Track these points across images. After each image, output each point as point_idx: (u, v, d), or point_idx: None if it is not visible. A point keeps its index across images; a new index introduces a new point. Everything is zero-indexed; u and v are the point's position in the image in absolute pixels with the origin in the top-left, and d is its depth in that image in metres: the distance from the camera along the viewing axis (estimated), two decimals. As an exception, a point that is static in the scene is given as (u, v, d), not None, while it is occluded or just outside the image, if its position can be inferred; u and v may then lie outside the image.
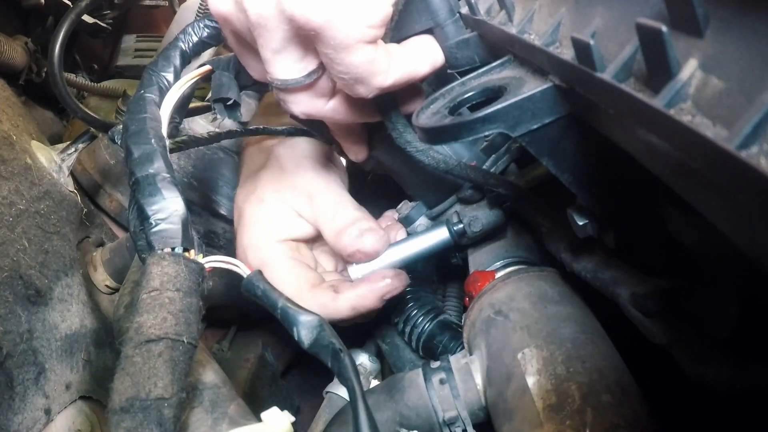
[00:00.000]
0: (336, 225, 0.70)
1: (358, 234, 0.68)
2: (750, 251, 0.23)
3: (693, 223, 0.36)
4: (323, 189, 0.74)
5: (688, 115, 0.23)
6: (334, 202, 0.73)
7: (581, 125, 0.37)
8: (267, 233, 0.73)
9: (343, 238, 0.69)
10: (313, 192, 0.73)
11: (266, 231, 0.73)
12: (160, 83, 0.58)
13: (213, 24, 0.63)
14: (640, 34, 0.26)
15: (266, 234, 0.73)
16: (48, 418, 0.55)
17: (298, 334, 0.50)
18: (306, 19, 0.43)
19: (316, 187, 0.74)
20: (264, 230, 0.74)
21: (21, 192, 0.60)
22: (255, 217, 0.74)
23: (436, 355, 0.73)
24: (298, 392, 1.02)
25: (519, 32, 0.40)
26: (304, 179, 0.74)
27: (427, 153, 0.57)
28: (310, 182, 0.74)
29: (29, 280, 0.57)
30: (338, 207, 0.72)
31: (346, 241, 0.68)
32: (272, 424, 0.46)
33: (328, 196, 0.73)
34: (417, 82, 0.53)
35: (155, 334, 0.42)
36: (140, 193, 0.48)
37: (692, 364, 0.43)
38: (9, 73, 1.00)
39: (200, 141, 0.71)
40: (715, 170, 0.22)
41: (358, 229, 0.69)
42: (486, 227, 0.68)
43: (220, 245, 0.99)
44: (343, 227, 0.69)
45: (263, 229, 0.74)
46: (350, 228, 0.69)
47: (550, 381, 0.51)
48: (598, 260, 0.54)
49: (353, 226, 0.69)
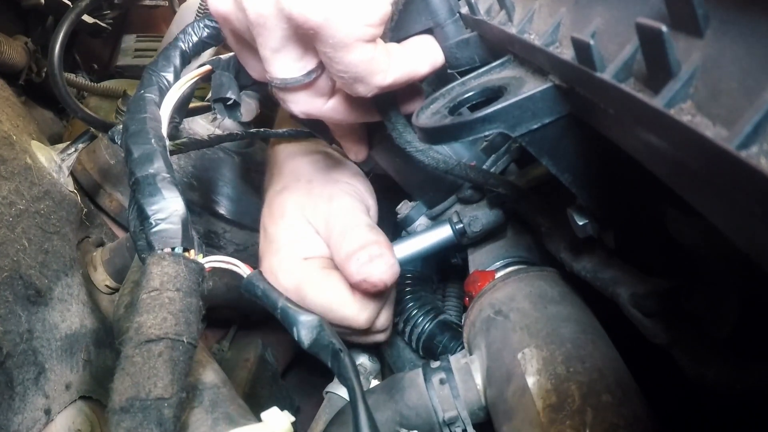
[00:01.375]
0: (346, 247, 0.65)
1: (367, 260, 0.62)
2: (750, 251, 0.23)
3: (693, 224, 0.36)
4: (338, 208, 0.69)
5: (688, 115, 0.23)
6: (347, 223, 0.68)
7: (581, 125, 0.37)
8: (292, 254, 0.69)
9: (352, 263, 0.63)
10: (329, 210, 0.70)
11: (291, 252, 0.69)
12: (160, 83, 0.58)
13: (213, 24, 0.63)
14: (640, 34, 0.26)
15: (292, 255, 0.69)
16: (48, 418, 0.55)
17: (298, 334, 0.50)
18: (304, 17, 0.43)
19: (332, 204, 0.70)
20: (289, 252, 0.69)
21: (21, 192, 0.60)
22: (277, 236, 0.71)
23: (436, 355, 0.73)
24: (298, 392, 1.02)
25: (519, 32, 0.40)
26: (325, 198, 0.71)
27: (426, 153, 0.57)
28: (329, 201, 0.70)
29: (29, 280, 0.57)
30: (351, 227, 0.67)
31: (354, 268, 0.63)
32: (272, 424, 0.46)
33: (341, 217, 0.68)
34: (417, 81, 0.53)
35: (155, 334, 0.42)
36: (140, 193, 0.48)
37: (692, 364, 0.43)
38: (9, 73, 1.00)
39: (200, 143, 0.71)
40: (715, 170, 0.22)
41: (368, 255, 0.63)
42: (486, 227, 0.68)
43: (220, 245, 0.99)
44: (353, 250, 0.64)
45: (288, 250, 0.69)
46: (360, 252, 0.63)
47: (550, 381, 0.51)
48: (597, 260, 0.54)
49: (363, 251, 0.63)
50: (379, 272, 0.62)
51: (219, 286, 0.87)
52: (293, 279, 0.67)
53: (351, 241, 0.65)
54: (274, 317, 0.52)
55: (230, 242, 1.01)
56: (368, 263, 0.62)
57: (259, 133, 0.77)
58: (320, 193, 0.72)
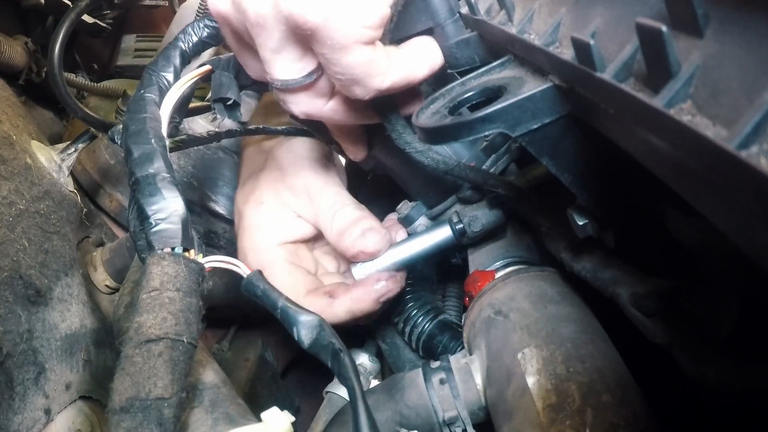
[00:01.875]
0: (337, 225, 0.70)
1: (360, 234, 0.68)
2: (750, 251, 0.23)
3: (693, 224, 0.36)
4: (322, 188, 0.74)
5: (688, 115, 0.23)
6: (334, 201, 0.72)
7: (581, 125, 0.37)
8: (266, 236, 0.73)
9: (345, 238, 0.69)
10: (312, 192, 0.73)
11: (266, 234, 0.73)
12: (160, 83, 0.58)
13: (213, 24, 0.63)
14: (640, 34, 0.26)
15: (266, 237, 0.73)
16: (48, 418, 0.55)
17: (298, 334, 0.50)
18: (303, 18, 0.43)
19: (315, 186, 0.73)
20: (263, 233, 0.74)
21: (21, 192, 0.60)
22: (255, 219, 0.74)
23: (436, 355, 0.73)
24: (298, 392, 1.02)
25: (519, 32, 0.40)
26: (303, 179, 0.74)
27: (426, 154, 0.57)
28: (309, 182, 0.74)
29: (29, 280, 0.57)
30: (339, 207, 0.72)
31: (349, 242, 0.68)
32: (272, 424, 0.46)
33: (327, 196, 0.73)
34: (415, 84, 0.53)
35: (155, 334, 0.42)
36: (140, 192, 0.48)
37: (692, 364, 0.43)
38: (9, 73, 1.00)
39: (200, 140, 0.71)
40: (715, 170, 0.22)
41: (360, 228, 0.69)
42: (486, 227, 0.68)
43: (220, 245, 0.99)
44: (345, 227, 0.69)
45: (263, 232, 0.74)
46: (352, 228, 0.69)
47: (550, 381, 0.51)
48: (597, 260, 0.54)
49: (355, 226, 0.69)
50: (374, 243, 0.68)
51: (219, 286, 0.87)
52: (259, 260, 0.72)
53: (341, 220, 0.70)
54: (273, 317, 0.52)
55: (230, 242, 1.01)
56: (361, 237, 0.68)
57: (258, 130, 0.77)
58: (299, 174, 0.74)
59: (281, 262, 0.72)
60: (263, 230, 0.74)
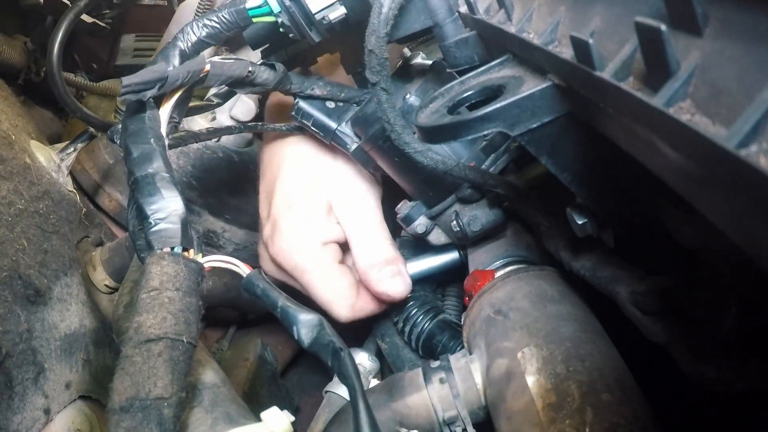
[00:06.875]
0: (371, 257, 0.70)
1: (390, 276, 0.69)
2: (750, 251, 0.23)
3: (693, 223, 0.36)
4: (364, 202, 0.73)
5: (687, 114, 0.23)
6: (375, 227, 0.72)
7: (580, 124, 0.37)
8: (310, 237, 0.71)
9: (375, 274, 0.69)
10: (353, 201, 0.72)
11: (309, 234, 0.71)
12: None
13: (212, 23, 0.63)
14: (640, 33, 0.26)
15: (310, 238, 0.71)
16: (47, 417, 0.55)
17: (297, 333, 0.50)
18: None
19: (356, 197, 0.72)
20: (306, 233, 0.71)
21: (20, 191, 0.60)
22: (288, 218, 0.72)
23: (436, 354, 0.73)
24: (298, 392, 1.02)
25: (518, 31, 0.40)
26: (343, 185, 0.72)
27: (425, 154, 0.57)
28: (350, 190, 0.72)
29: (28, 279, 0.57)
30: (377, 236, 0.71)
31: (377, 279, 0.69)
32: (272, 424, 0.46)
33: (367, 215, 0.72)
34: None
35: (155, 334, 0.42)
36: (139, 192, 0.48)
37: (691, 363, 0.43)
38: (8, 72, 1.00)
39: (198, 136, 0.71)
40: (715, 169, 0.22)
41: (392, 271, 0.69)
42: (485, 226, 0.67)
43: (220, 245, 0.99)
44: (378, 263, 0.69)
45: (305, 232, 0.71)
46: (385, 267, 0.69)
47: (549, 380, 0.51)
48: (597, 259, 0.54)
49: (388, 267, 0.69)
50: (399, 290, 0.70)
51: (218, 286, 0.88)
52: (306, 261, 0.70)
53: (377, 252, 0.70)
54: (273, 316, 0.52)
55: (229, 242, 1.01)
56: (391, 279, 0.69)
57: (257, 127, 0.76)
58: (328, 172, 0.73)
59: (331, 263, 0.71)
60: (303, 229, 0.71)
